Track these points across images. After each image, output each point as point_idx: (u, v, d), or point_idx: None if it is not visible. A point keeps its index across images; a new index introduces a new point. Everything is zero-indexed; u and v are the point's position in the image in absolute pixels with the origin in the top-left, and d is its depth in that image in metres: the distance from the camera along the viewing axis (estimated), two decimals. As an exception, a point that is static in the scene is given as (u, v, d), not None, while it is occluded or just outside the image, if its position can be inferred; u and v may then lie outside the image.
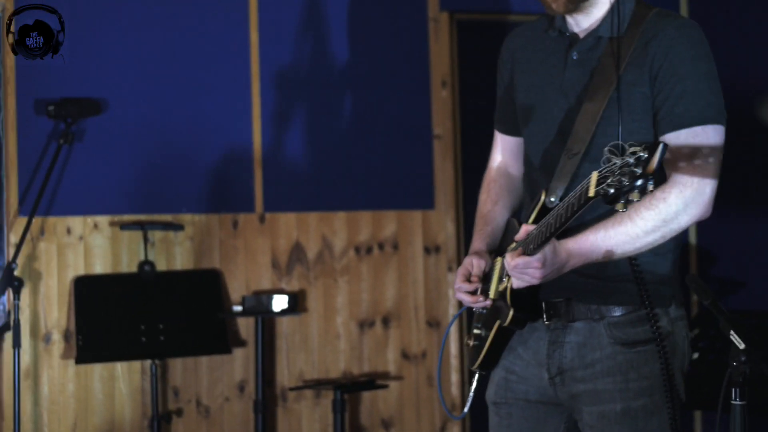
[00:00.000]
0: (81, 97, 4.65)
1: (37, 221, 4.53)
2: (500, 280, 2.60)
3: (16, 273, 4.37)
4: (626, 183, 2.09)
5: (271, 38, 4.90)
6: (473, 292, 2.67)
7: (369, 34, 5.03)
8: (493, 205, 2.86)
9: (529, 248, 2.42)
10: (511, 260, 2.43)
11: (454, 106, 5.09)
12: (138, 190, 4.74)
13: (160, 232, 4.70)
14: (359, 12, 5.01)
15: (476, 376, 2.76)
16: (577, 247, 2.43)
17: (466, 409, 2.82)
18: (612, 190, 2.11)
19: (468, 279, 2.68)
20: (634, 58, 2.51)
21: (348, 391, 4.56)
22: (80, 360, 4.45)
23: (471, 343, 2.74)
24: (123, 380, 4.64)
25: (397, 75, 5.06)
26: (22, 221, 4.57)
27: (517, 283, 2.46)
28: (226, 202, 4.84)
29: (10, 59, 4.65)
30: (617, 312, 2.53)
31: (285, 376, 4.82)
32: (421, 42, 5.08)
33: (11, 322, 4.40)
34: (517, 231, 2.56)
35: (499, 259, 2.66)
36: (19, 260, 4.47)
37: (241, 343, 4.76)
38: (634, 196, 2.10)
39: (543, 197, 2.56)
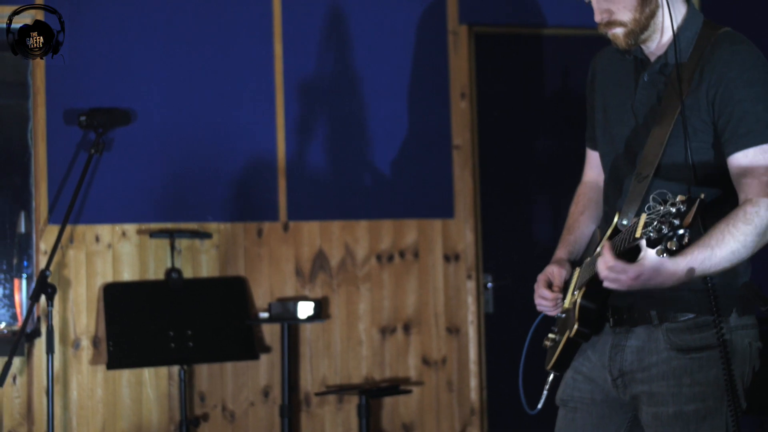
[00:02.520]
0: (109, 107, 4.74)
1: (66, 229, 4.61)
2: (574, 291, 2.76)
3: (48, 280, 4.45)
4: (666, 232, 2.25)
5: (294, 50, 5.00)
6: (552, 301, 2.82)
7: (390, 46, 5.13)
8: (578, 215, 3.01)
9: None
10: (609, 260, 2.47)
11: (472, 117, 5.19)
12: (165, 199, 4.83)
13: (187, 240, 4.80)
14: (381, 25, 5.12)
15: (551, 375, 2.91)
16: (681, 269, 2.46)
17: (540, 405, 2.96)
18: (653, 235, 2.27)
19: (549, 287, 2.83)
20: (693, 83, 2.63)
21: (373, 396, 4.65)
22: (112, 365, 4.53)
23: (548, 344, 2.89)
24: (150, 386, 4.72)
25: (418, 86, 5.16)
26: (52, 229, 4.67)
27: (606, 282, 2.54)
28: (251, 210, 4.93)
29: (40, 71, 4.75)
30: (676, 319, 2.65)
31: (308, 381, 4.90)
32: (441, 54, 5.18)
33: (42, 329, 4.49)
34: (598, 242, 2.71)
35: (578, 269, 2.81)
36: (51, 267, 4.55)
37: (266, 349, 4.84)
38: (672, 244, 2.26)
39: (616, 219, 2.70)
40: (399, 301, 5.03)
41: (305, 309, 4.70)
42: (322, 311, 4.85)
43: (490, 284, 5.21)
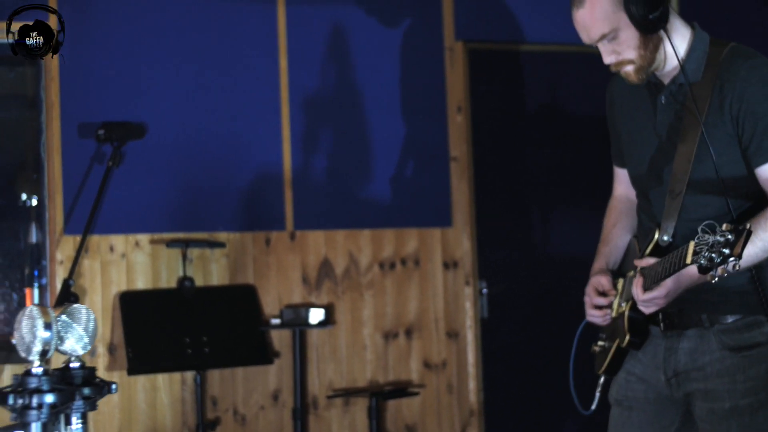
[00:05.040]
0: (122, 121, 4.87)
1: (80, 240, 4.73)
2: (621, 303, 2.99)
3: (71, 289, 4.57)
4: (717, 260, 2.45)
5: (299, 65, 5.18)
6: (603, 307, 3.07)
7: (390, 61, 5.33)
8: (611, 228, 3.23)
9: (649, 284, 2.80)
10: (640, 296, 2.82)
11: (468, 130, 5.40)
12: (176, 210, 4.97)
13: (197, 249, 4.94)
14: (381, 41, 5.32)
15: (602, 379, 3.12)
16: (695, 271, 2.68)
17: (593, 406, 3.17)
18: (704, 263, 2.48)
19: (600, 294, 3.06)
20: (713, 100, 2.82)
21: (384, 398, 4.84)
22: (132, 371, 4.66)
23: (597, 349, 3.11)
24: (164, 391, 4.86)
25: (416, 100, 5.37)
26: (67, 240, 4.80)
27: (646, 311, 2.85)
28: (259, 220, 5.09)
29: (54, 85, 4.88)
30: (725, 320, 2.88)
31: (316, 385, 5.07)
32: (438, 69, 5.39)
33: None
34: (636, 253, 2.94)
35: (620, 280, 3.03)
36: (64, 276, 4.68)
37: (275, 355, 5.00)
38: (722, 271, 2.46)
39: (656, 235, 2.92)
40: (401, 307, 5.23)
41: (316, 315, 4.88)
42: (330, 317, 5.03)
43: (485, 290, 5.42)
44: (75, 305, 2.25)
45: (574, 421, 5.37)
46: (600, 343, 3.14)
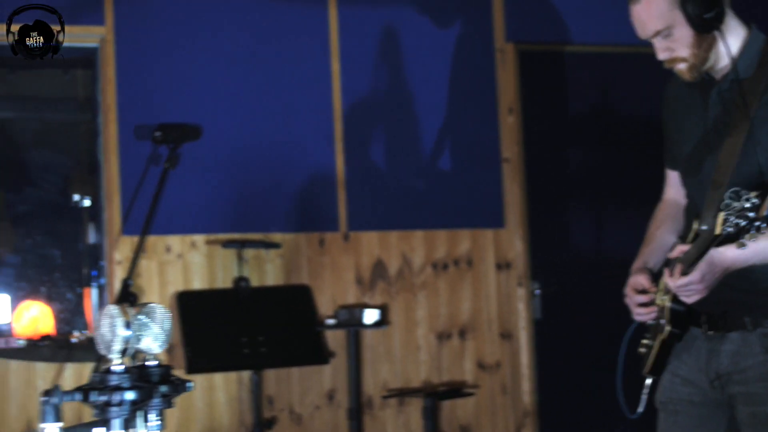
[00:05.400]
0: (178, 123, 4.93)
1: (138, 240, 4.79)
2: (662, 297, 2.98)
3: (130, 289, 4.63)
4: (743, 224, 2.45)
5: (351, 68, 5.22)
6: (646, 305, 3.04)
7: (441, 63, 5.35)
8: (655, 230, 3.22)
9: (685, 269, 2.78)
10: (673, 283, 2.79)
11: (520, 132, 5.41)
12: (231, 211, 5.02)
13: (252, 250, 4.99)
14: (432, 43, 5.34)
15: (649, 380, 3.11)
16: (738, 253, 2.72)
17: (640, 409, 3.15)
18: (732, 230, 2.48)
19: (640, 293, 3.05)
20: (764, 96, 2.82)
21: (439, 398, 4.85)
22: (191, 370, 4.70)
23: (642, 350, 3.10)
24: (221, 390, 4.91)
25: (467, 101, 5.38)
26: (125, 240, 4.86)
27: (687, 299, 2.82)
28: (313, 221, 5.13)
29: (111, 88, 4.94)
30: None
31: (370, 385, 5.10)
32: (489, 71, 5.41)
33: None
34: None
35: (663, 278, 3.03)
36: (122, 277, 4.73)
37: (330, 354, 5.04)
38: (751, 236, 2.46)
39: (695, 225, 2.91)
40: (454, 308, 5.24)
41: (371, 315, 4.90)
42: (385, 318, 5.06)
43: (537, 291, 5.42)
44: (151, 304, 2.28)
45: (628, 424, 5.35)
46: (645, 341, 3.11)
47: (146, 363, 2.27)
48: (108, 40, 4.93)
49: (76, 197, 6.99)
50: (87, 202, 6.98)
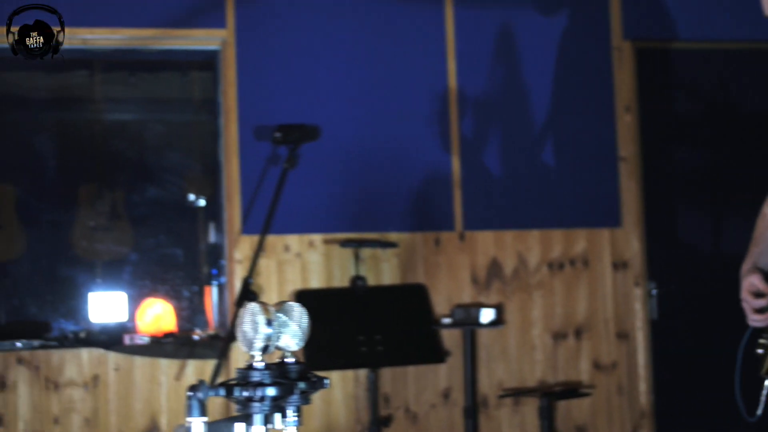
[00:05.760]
0: (297, 123, 4.99)
1: (257, 239, 4.87)
2: None
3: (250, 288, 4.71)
4: None
5: (467, 67, 5.23)
6: (762, 311, 2.99)
7: (557, 62, 5.33)
8: (764, 230, 3.17)
9: None
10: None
11: (637, 130, 5.36)
12: (348, 210, 5.08)
13: (369, 249, 5.03)
14: (548, 42, 5.32)
15: (767, 381, 3.06)
16: None
17: (759, 412, 3.10)
18: None
19: (756, 296, 2.99)
20: None
21: (555, 398, 4.84)
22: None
23: (760, 351, 3.04)
24: (338, 388, 4.97)
25: (583, 100, 5.35)
26: (245, 239, 4.95)
27: None
28: (429, 221, 5.16)
29: (232, 90, 5.04)
30: None
31: (486, 384, 5.11)
32: (605, 69, 5.37)
33: (236, 333, 4.73)
34: None
35: None
36: (243, 276, 4.82)
37: (446, 353, 5.06)
38: None
39: None
40: (570, 308, 5.22)
41: (487, 315, 4.91)
42: (500, 317, 5.06)
43: (654, 291, 5.36)
44: (289, 302, 2.33)
45: (747, 427, 5.26)
46: (762, 341, 3.04)
47: (284, 360, 2.32)
48: (229, 42, 5.03)
49: (192, 197, 7.14)
50: (202, 202, 7.13)
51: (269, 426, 2.27)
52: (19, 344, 4.77)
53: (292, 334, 2.33)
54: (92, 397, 4.81)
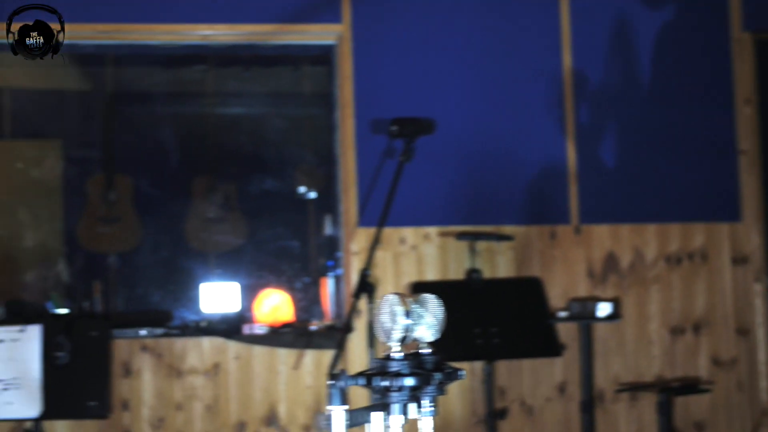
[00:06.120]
0: (412, 117, 5.02)
1: (374, 232, 4.91)
2: None
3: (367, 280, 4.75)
4: None
5: (582, 59, 5.20)
6: None
7: (674, 53, 5.26)
8: None
9: None
10: None
11: (757, 123, 5.27)
12: (464, 203, 5.10)
13: (484, 242, 5.04)
14: (665, 34, 5.26)
15: None
16: None
17: None
18: None
19: None
20: None
21: (674, 394, 4.79)
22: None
23: None
24: (453, 379, 4.98)
25: (702, 93, 5.28)
26: (361, 232, 5.00)
27: None
28: (544, 214, 5.14)
29: (348, 84, 5.09)
30: None
31: (602, 378, 5.08)
32: (724, 61, 5.28)
33: (355, 324, 4.79)
34: None
35: None
36: (359, 268, 4.87)
37: (562, 347, 5.04)
38: None
39: None
40: (688, 303, 5.16)
41: (604, 309, 4.88)
42: (618, 311, 5.02)
43: (775, 287, 5.28)
44: (424, 294, 2.36)
45: None
46: None
47: (420, 351, 2.35)
48: (345, 37, 5.08)
49: (303, 189, 7.24)
50: (313, 194, 7.22)
51: (404, 415, 2.31)
52: (143, 332, 4.90)
53: (427, 325, 2.35)
54: (213, 385, 4.92)
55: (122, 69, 7.22)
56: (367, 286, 4.70)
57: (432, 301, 2.37)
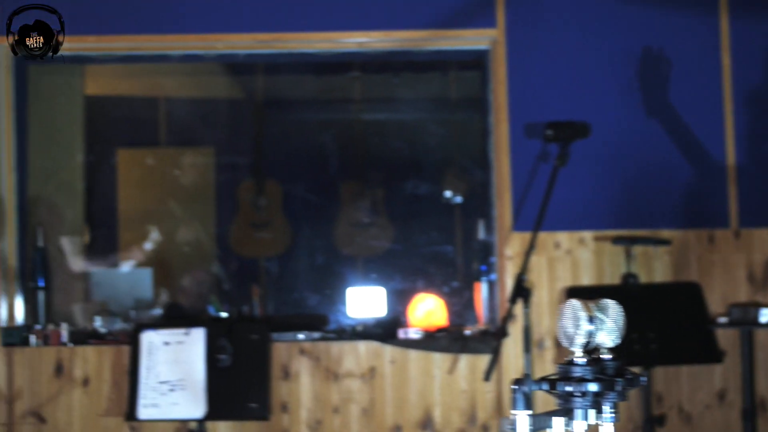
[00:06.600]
0: (566, 120, 4.99)
1: (528, 236, 4.90)
2: None
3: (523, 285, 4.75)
4: None
5: (743, 61, 5.08)
6: None
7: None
8: None
9: None
10: None
11: None
12: (619, 207, 5.04)
13: (640, 247, 4.98)
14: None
15: None
16: None
17: None
18: None
19: None
20: None
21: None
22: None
23: None
24: (610, 385, 4.93)
25: None
26: (515, 236, 4.99)
27: None
28: (701, 217, 5.05)
29: (502, 88, 5.09)
30: None
31: (764, 386, 4.96)
32: None
33: (509, 329, 4.79)
34: None
35: None
36: (513, 272, 4.87)
37: (722, 353, 4.94)
38: None
39: None
40: None
41: (767, 314, 4.76)
42: (780, 317, 4.90)
43: None
44: (604, 300, 2.35)
45: None
46: None
47: (601, 357, 2.34)
48: (499, 41, 5.08)
49: (449, 194, 7.27)
50: (459, 199, 7.25)
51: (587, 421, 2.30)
52: (301, 336, 4.99)
53: (608, 331, 2.35)
54: (369, 388, 4.97)
55: (272, 77, 7.38)
56: (523, 291, 4.69)
57: (613, 307, 2.37)
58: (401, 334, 5.04)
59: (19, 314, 5.09)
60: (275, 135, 7.40)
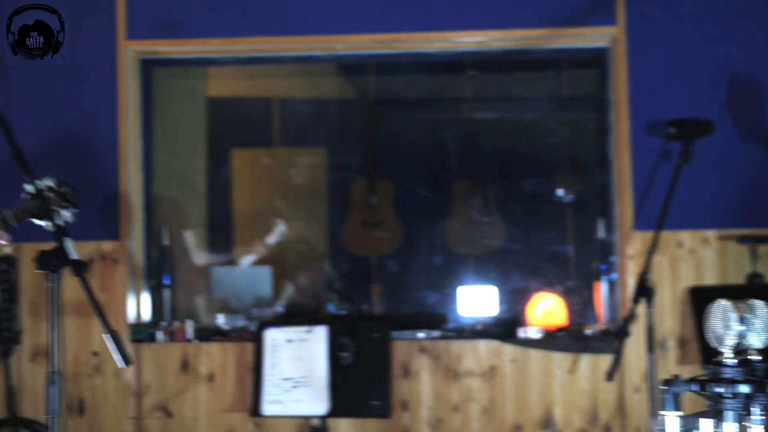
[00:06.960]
0: (689, 118, 4.92)
1: (650, 236, 4.84)
2: None
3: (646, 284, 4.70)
4: None
5: None
6: None
7: None
8: None
9: None
10: None
11: None
12: (744, 206, 4.95)
13: (765, 246, 4.88)
14: None
15: None
16: None
17: None
18: None
19: None
20: None
21: None
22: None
23: None
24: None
25: None
26: (636, 235, 4.94)
27: None
28: (830, 216, 4.94)
29: (622, 86, 5.04)
30: None
31: None
32: None
33: (631, 329, 4.74)
34: None
35: None
36: (634, 272, 4.82)
37: None
38: None
39: None
40: None
41: None
42: None
43: None
44: (752, 300, 2.32)
45: None
46: None
47: (750, 358, 2.31)
48: (619, 39, 5.03)
49: (560, 192, 7.21)
50: (570, 197, 7.19)
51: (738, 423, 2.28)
52: (420, 334, 5.01)
53: (757, 332, 2.32)
54: (489, 387, 4.98)
55: (383, 77, 7.41)
56: (645, 291, 4.65)
57: (762, 308, 2.33)
58: (521, 333, 5.03)
59: (146, 311, 5.21)
60: (387, 134, 7.44)
